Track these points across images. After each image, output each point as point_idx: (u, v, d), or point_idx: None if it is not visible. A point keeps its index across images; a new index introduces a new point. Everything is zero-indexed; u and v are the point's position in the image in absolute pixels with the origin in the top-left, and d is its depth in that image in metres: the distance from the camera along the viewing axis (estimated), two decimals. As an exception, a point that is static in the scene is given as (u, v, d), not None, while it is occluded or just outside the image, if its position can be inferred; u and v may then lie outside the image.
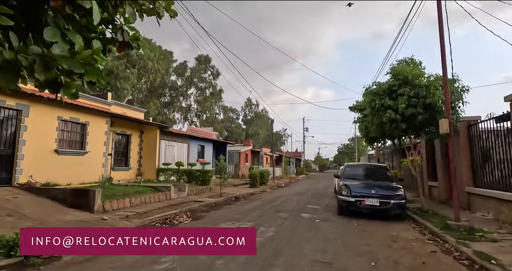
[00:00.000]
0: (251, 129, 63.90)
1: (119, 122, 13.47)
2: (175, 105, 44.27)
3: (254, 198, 12.44)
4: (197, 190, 12.69)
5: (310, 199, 12.03)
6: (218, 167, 12.61)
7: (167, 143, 16.23)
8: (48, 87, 2.56)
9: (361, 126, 11.34)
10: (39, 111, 8.98)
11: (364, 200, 7.26)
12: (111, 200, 7.93)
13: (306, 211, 8.53)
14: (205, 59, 42.73)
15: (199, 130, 22.81)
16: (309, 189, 17.28)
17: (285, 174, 28.40)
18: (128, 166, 14.26)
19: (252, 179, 16.91)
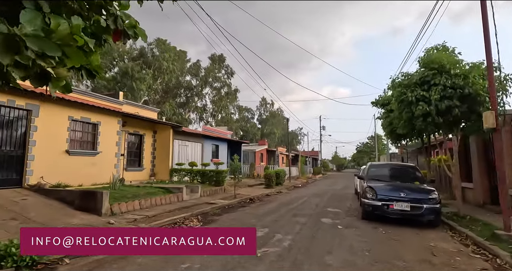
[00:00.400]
0: (266, 128, 63.52)
1: (132, 122, 13.27)
2: (191, 105, 44.39)
3: (269, 199, 11.85)
4: (210, 191, 12.26)
5: (330, 201, 11.29)
6: (232, 167, 12.12)
7: (180, 142, 15.95)
8: (34, 80, 2.29)
9: (384, 123, 10.46)
10: (49, 111, 8.81)
11: (392, 204, 6.49)
12: (119, 202, 7.60)
13: (326, 215, 7.85)
14: (219, 58, 42.55)
15: (213, 129, 22.49)
16: (327, 190, 16.49)
17: (301, 174, 27.60)
18: (141, 167, 14.07)
19: (267, 179, 16.33)
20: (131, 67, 31.84)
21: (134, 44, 36.18)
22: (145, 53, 36.80)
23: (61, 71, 3.12)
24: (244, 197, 11.76)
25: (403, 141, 10.65)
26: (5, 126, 7.79)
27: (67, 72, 3.09)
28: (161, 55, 35.69)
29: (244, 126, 61.29)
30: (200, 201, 10.12)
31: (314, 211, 8.58)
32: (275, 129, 61.94)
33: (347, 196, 13.29)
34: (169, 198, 9.55)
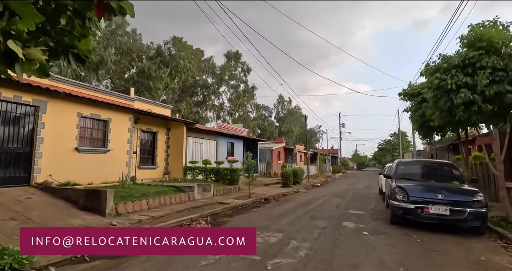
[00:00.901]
0: (284, 126, 62.82)
1: (145, 119, 13.00)
2: (208, 103, 44.33)
3: (286, 199, 11.13)
4: (223, 190, 11.73)
5: (352, 202, 10.40)
6: (246, 165, 11.49)
7: (194, 140, 15.57)
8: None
9: (413, 116, 9.38)
10: (57, 107, 8.59)
11: (428, 208, 5.57)
12: (125, 202, 7.19)
13: (348, 218, 7.03)
14: (234, 56, 42.10)
15: (228, 126, 22.00)
16: (348, 190, 15.49)
17: (320, 172, 26.56)
18: (155, 165, 13.79)
19: (284, 178, 15.59)
20: (148, 66, 32.04)
21: (151, 44, 36.39)
22: (162, 52, 37.00)
23: (34, 52, 2.61)
24: (259, 197, 11.12)
25: (437, 135, 9.50)
26: (12, 123, 7.61)
27: (41, 54, 2.64)
28: (177, 54, 35.73)
29: (261, 124, 60.89)
30: (212, 201, 9.59)
31: (335, 213, 7.77)
32: (293, 127, 61.05)
33: (371, 196, 12.29)
34: (179, 197, 9.09)
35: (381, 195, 12.10)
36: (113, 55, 33.95)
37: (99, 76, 30.18)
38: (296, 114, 63.77)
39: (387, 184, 8.23)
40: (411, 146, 51.94)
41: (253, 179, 11.56)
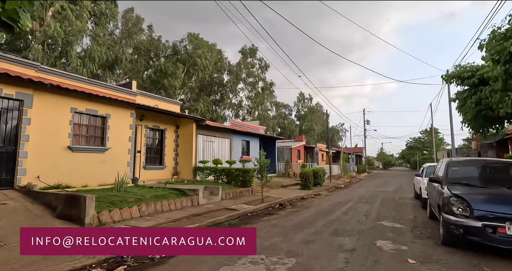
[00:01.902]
0: (305, 124, 61.13)
1: (151, 116, 12.08)
2: (226, 102, 43.49)
3: (304, 205, 9.68)
4: (234, 193, 10.49)
5: (383, 209, 8.75)
6: (259, 165, 10.19)
7: (205, 138, 14.48)
8: None
9: (465, 104, 7.47)
10: (46, 102, 7.75)
11: (504, 227, 3.95)
12: (111, 209, 6.13)
13: (383, 235, 5.48)
14: (250, 51, 40.84)
15: (243, 124, 20.78)
16: (376, 193, 13.70)
17: (344, 172, 24.65)
18: (163, 165, 12.85)
19: (303, 179, 14.09)
20: (164, 64, 31.62)
21: (166, 42, 36.04)
22: (178, 50, 36.51)
23: None
24: (274, 202, 9.77)
25: (497, 128, 7.51)
26: (-8, 119, 6.82)
27: None
28: (194, 51, 35.08)
29: (281, 123, 59.57)
30: (218, 206, 8.37)
31: (364, 226, 6.24)
32: (314, 125, 59.16)
33: (406, 202, 10.50)
34: (180, 202, 7.96)
35: (418, 200, 10.30)
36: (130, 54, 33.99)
37: (115, 75, 30.07)
38: (317, 112, 61.72)
39: (430, 189, 6.56)
40: (443, 143, 47.99)
41: (266, 180, 10.21)
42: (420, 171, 10.93)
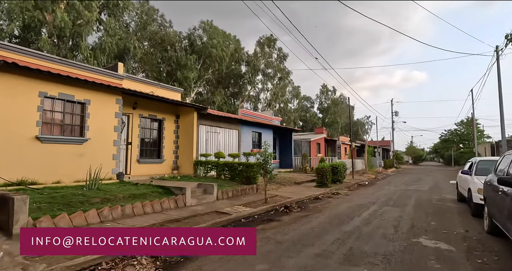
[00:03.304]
0: (328, 117, 58.54)
1: (146, 104, 10.83)
2: (244, 94, 41.98)
3: (316, 207, 7.94)
4: (235, 191, 8.96)
5: (419, 216, 6.78)
6: (262, 158, 8.56)
7: (209, 129, 13.05)
8: None
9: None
10: (4, 84, 6.61)
11: None
12: (57, 214, 4.80)
13: (424, 265, 3.58)
14: (269, 40, 38.76)
15: (254, 113, 19.10)
16: (408, 193, 11.56)
17: (369, 167, 22.30)
18: (161, 158, 11.62)
19: (320, 175, 12.25)
20: (176, 55, 30.58)
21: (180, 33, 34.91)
22: (193, 40, 35.28)
23: None
24: (280, 203, 8.13)
25: None
26: None
27: None
28: (209, 41, 33.73)
29: (303, 116, 57.46)
30: (208, 209, 6.88)
31: (393, 246, 4.38)
32: (338, 118, 56.43)
33: (447, 206, 8.36)
34: (160, 203, 6.55)
35: (465, 205, 8.17)
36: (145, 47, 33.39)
37: (128, 68, 29.43)
38: (341, 104, 58.70)
39: (493, 193, 4.57)
40: (483, 136, 43.15)
41: (271, 177, 8.57)
42: (467, 168, 8.68)
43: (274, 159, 19.53)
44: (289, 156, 19.82)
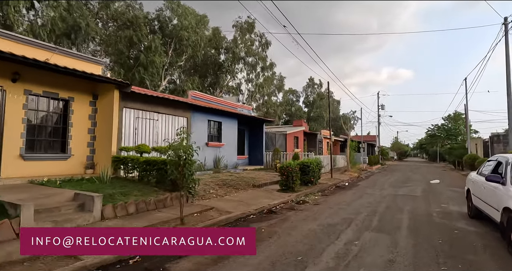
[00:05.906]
0: (313, 111, 56.46)
1: (39, 76, 7.63)
2: (222, 84, 38.51)
3: (263, 230, 4.99)
4: (140, 204, 5.89)
5: (421, 254, 3.95)
6: (173, 151, 5.55)
7: (140, 114, 9.90)
8: None
9: None
10: None
11: None
12: None
13: None
14: (248, 26, 35.30)
15: (212, 98, 15.89)
16: (396, 201, 8.81)
17: (351, 164, 19.70)
18: (66, 153, 8.43)
19: (284, 176, 9.35)
20: (135, 35, 26.74)
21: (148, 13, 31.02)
22: (164, 22, 31.42)
23: None
24: (205, 223, 5.14)
25: None
26: None
27: None
28: (178, 23, 30.03)
29: (288, 110, 55.02)
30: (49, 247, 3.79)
31: None
32: (324, 112, 54.11)
33: (458, 227, 5.49)
34: None
35: (481, 223, 5.42)
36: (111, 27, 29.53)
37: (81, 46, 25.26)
38: (327, 99, 56.56)
39: None
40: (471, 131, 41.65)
41: (192, 181, 5.63)
42: (488, 171, 5.73)
43: (242, 155, 16.57)
44: (260, 152, 16.92)
